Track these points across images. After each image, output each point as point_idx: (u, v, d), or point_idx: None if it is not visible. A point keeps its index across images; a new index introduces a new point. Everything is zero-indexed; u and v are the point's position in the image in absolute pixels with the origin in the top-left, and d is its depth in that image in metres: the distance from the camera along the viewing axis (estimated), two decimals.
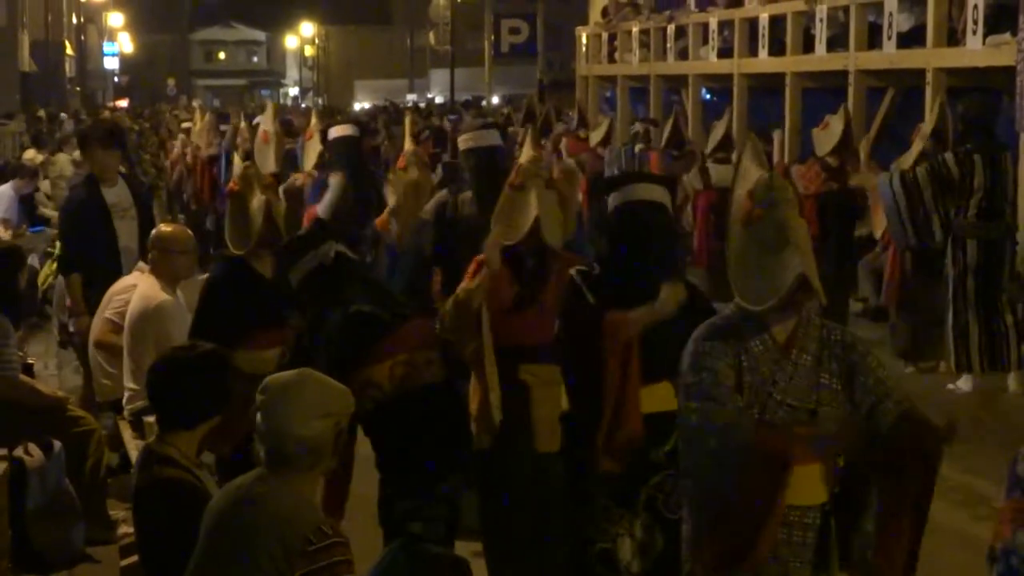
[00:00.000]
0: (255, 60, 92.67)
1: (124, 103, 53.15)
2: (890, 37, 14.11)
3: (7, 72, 40.22)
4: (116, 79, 66.32)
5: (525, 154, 6.65)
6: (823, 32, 15.63)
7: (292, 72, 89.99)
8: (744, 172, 4.59)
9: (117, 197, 9.15)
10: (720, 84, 19.26)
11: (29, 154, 20.38)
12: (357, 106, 58.45)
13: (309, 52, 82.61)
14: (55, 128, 26.55)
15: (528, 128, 7.53)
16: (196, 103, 47.48)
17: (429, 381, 5.80)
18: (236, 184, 6.88)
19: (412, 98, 58.83)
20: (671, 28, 20.18)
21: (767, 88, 17.37)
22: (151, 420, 5.69)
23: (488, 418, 5.79)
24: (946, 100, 11.83)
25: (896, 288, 11.40)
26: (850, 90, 14.97)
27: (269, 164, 10.82)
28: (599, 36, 23.81)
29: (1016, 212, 10.67)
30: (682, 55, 19.96)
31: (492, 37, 33.47)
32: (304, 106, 57.57)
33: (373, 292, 6.11)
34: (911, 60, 13.84)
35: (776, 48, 16.90)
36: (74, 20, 52.89)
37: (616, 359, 5.33)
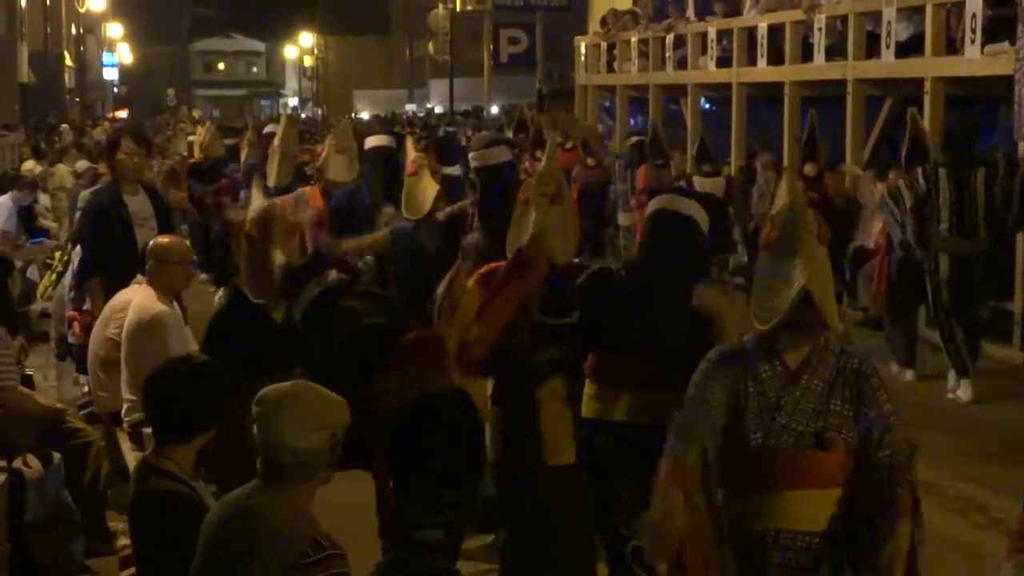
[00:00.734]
0: (254, 70, 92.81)
1: (124, 114, 53.18)
2: (888, 46, 14.14)
3: (6, 83, 40.23)
4: (116, 90, 66.30)
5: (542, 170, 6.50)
6: (821, 41, 15.66)
7: (291, 82, 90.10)
8: (778, 198, 4.65)
9: (139, 206, 9.14)
10: (719, 93, 19.30)
11: (28, 165, 20.42)
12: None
13: (308, 62, 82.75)
14: (54, 139, 26.58)
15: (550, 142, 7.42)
16: (196, 113, 47.62)
17: (443, 387, 5.76)
18: (253, 229, 6.67)
19: (411, 108, 58.94)
20: (670, 38, 20.21)
21: (766, 97, 17.40)
22: (150, 432, 5.68)
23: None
24: (917, 113, 12.00)
25: (883, 298, 11.62)
26: (849, 99, 15.01)
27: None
28: (598, 46, 23.84)
29: (989, 229, 10.77)
30: (681, 64, 20.00)
31: (491, 47, 33.42)
32: (304, 116, 57.70)
33: (376, 304, 6.08)
34: (909, 69, 13.86)
35: (775, 57, 16.94)
36: (73, 31, 52.93)
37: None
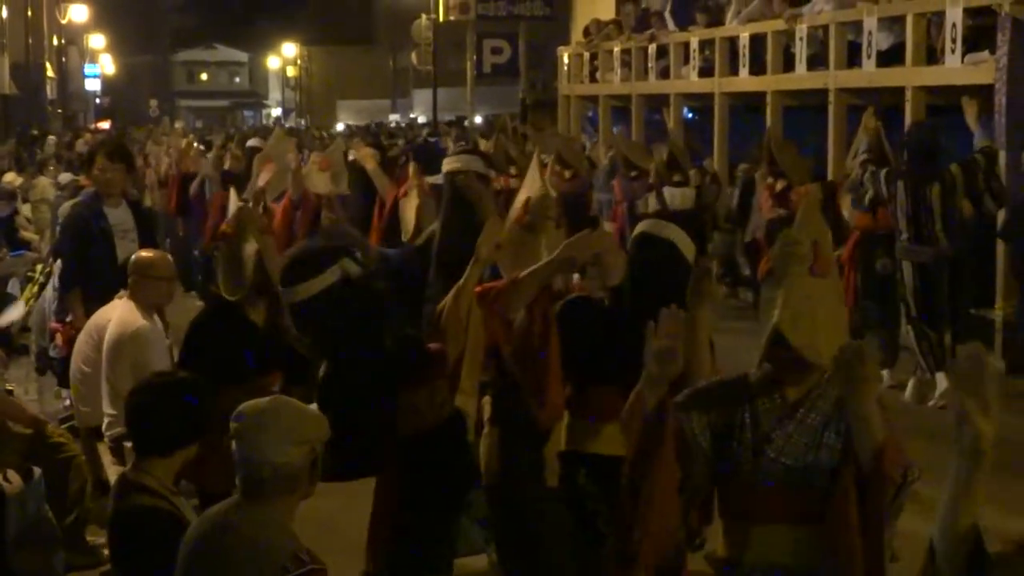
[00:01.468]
0: (237, 81, 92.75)
1: (106, 124, 53.09)
2: (869, 56, 14.17)
3: None
4: (98, 101, 66.21)
5: (532, 187, 6.40)
6: (803, 51, 15.69)
7: (275, 93, 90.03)
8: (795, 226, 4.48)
9: (120, 218, 9.13)
10: (702, 103, 19.32)
11: (8, 177, 20.34)
12: (340, 126, 58.52)
13: (292, 73, 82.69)
14: (36, 150, 26.51)
15: (535, 159, 7.31)
16: (178, 124, 47.56)
17: (454, 409, 5.72)
18: (230, 227, 6.69)
19: (395, 118, 58.92)
20: (652, 48, 20.23)
21: (748, 106, 17.43)
22: (131, 446, 5.65)
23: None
24: (880, 125, 12.31)
25: (851, 309, 11.76)
26: (830, 108, 15.03)
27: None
28: (581, 56, 23.86)
29: (952, 238, 10.98)
30: (663, 74, 20.01)
31: (474, 57, 33.45)
32: (288, 126, 57.61)
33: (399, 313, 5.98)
34: (890, 79, 13.88)
35: (756, 67, 16.96)
36: (55, 42, 52.83)
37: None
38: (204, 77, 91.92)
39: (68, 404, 9.21)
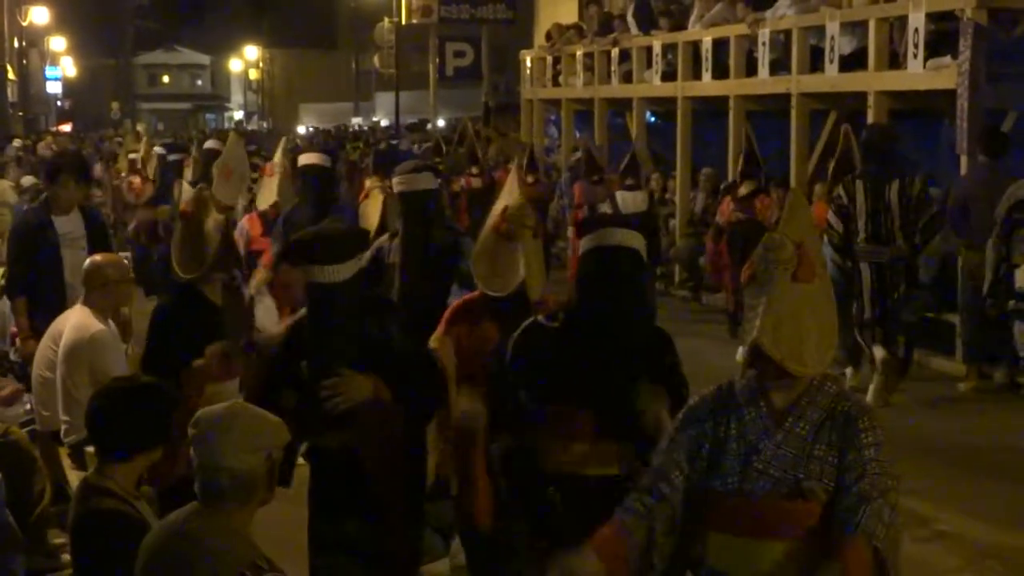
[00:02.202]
0: (199, 84, 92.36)
1: (67, 127, 52.79)
2: (832, 60, 14.20)
3: None
4: (59, 103, 65.89)
5: (510, 195, 6.26)
6: (766, 55, 15.72)
7: (237, 96, 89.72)
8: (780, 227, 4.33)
9: (69, 227, 9.13)
10: (664, 107, 19.35)
11: None
12: (302, 129, 58.42)
13: (254, 75, 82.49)
14: None
15: (514, 167, 7.24)
16: (140, 127, 47.31)
17: None
18: (189, 206, 6.55)
19: (358, 121, 58.85)
20: (615, 52, 20.25)
21: (711, 111, 17.46)
22: (92, 451, 5.60)
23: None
24: (850, 129, 12.36)
25: None
26: (793, 113, 15.07)
27: (270, 196, 10.74)
28: (543, 60, 23.88)
29: (908, 238, 10.98)
30: (626, 78, 20.04)
31: (437, 60, 33.46)
32: (250, 129, 57.50)
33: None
34: (853, 83, 13.93)
35: (719, 71, 16.99)
36: (16, 44, 52.50)
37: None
38: (166, 80, 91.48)
39: (29, 408, 9.14)
